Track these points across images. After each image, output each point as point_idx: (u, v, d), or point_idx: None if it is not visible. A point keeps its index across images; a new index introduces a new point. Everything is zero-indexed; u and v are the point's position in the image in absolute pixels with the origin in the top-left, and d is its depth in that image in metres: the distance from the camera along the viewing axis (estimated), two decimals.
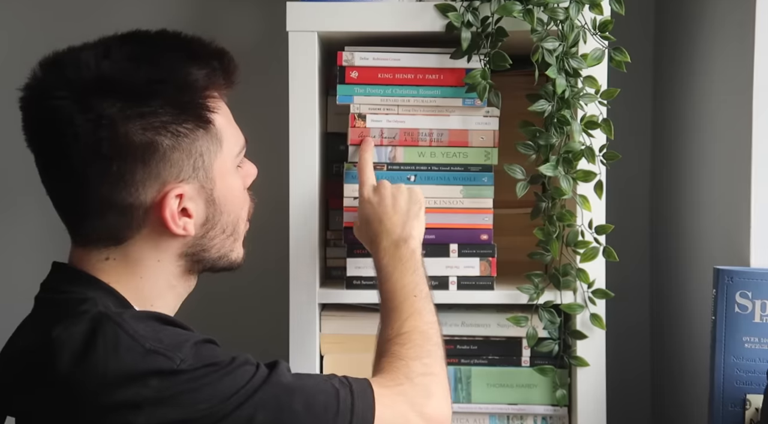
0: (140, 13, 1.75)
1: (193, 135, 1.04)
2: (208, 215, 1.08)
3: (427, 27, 1.37)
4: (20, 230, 1.80)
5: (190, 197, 1.05)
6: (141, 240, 1.05)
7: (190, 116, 1.03)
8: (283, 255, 1.40)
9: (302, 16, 1.37)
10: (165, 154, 1.02)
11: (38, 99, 1.02)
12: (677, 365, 1.61)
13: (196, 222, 1.07)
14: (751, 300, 1.24)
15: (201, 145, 1.05)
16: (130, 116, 0.99)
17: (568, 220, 1.37)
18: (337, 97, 1.40)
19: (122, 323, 0.97)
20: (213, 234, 1.10)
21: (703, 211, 1.49)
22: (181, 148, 1.03)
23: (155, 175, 1.02)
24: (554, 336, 1.41)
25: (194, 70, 1.04)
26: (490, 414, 1.44)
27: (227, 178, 1.10)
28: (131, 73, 1.01)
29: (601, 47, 1.34)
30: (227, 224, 1.11)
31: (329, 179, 1.50)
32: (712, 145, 1.46)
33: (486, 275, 1.40)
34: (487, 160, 1.40)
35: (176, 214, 1.04)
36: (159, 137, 1.01)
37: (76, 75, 1.00)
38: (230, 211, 1.11)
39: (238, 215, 1.13)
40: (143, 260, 1.06)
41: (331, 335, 1.43)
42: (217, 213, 1.09)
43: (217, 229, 1.10)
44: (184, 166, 1.04)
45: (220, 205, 1.09)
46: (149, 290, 1.07)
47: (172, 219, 1.04)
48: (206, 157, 1.06)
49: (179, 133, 1.02)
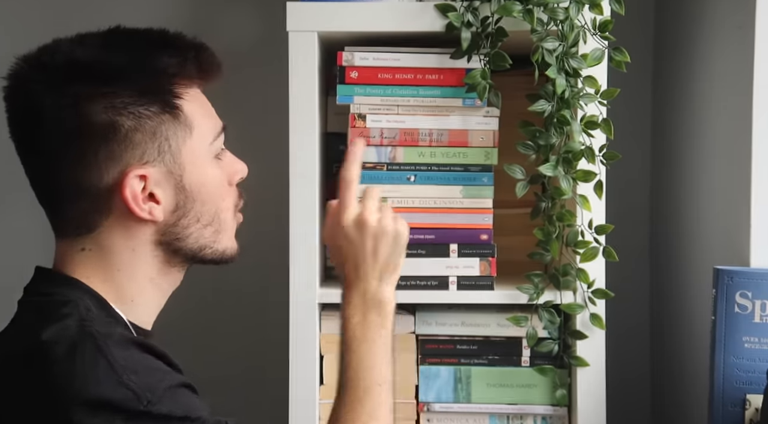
0: (140, 13, 1.74)
1: (157, 118, 1.04)
2: (179, 202, 1.07)
3: (427, 27, 1.37)
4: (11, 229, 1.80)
5: (157, 182, 1.05)
6: (110, 227, 1.06)
7: (154, 99, 1.04)
8: (283, 255, 1.40)
9: (302, 16, 1.37)
10: (126, 135, 1.03)
11: (15, 85, 1.05)
12: (677, 365, 1.61)
13: (165, 208, 1.07)
14: (751, 300, 1.24)
15: (167, 129, 1.05)
16: (93, 96, 1.01)
17: (568, 220, 1.37)
18: (337, 97, 1.40)
19: (104, 347, 0.96)
20: (186, 222, 1.09)
21: (703, 211, 1.49)
22: (143, 130, 1.04)
23: (117, 157, 1.03)
24: (554, 336, 1.41)
25: (165, 57, 1.06)
26: (490, 414, 1.44)
27: (200, 165, 1.09)
28: (100, 57, 1.04)
29: (601, 47, 1.34)
30: (202, 212, 1.09)
31: (329, 179, 1.50)
32: (712, 145, 1.46)
33: (486, 275, 1.40)
34: (487, 160, 1.40)
35: (139, 196, 1.04)
36: (120, 118, 1.02)
37: (49, 60, 1.04)
38: (205, 200, 1.09)
39: (217, 205, 1.11)
40: (116, 249, 1.06)
41: (331, 335, 1.43)
42: (188, 200, 1.08)
43: (190, 217, 1.09)
44: (148, 149, 1.04)
45: (192, 193, 1.08)
46: (128, 284, 1.07)
47: (134, 200, 1.04)
48: (173, 142, 1.06)
49: (142, 115, 1.03)
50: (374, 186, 1.21)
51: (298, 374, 1.39)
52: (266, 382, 1.71)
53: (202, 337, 1.79)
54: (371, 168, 1.40)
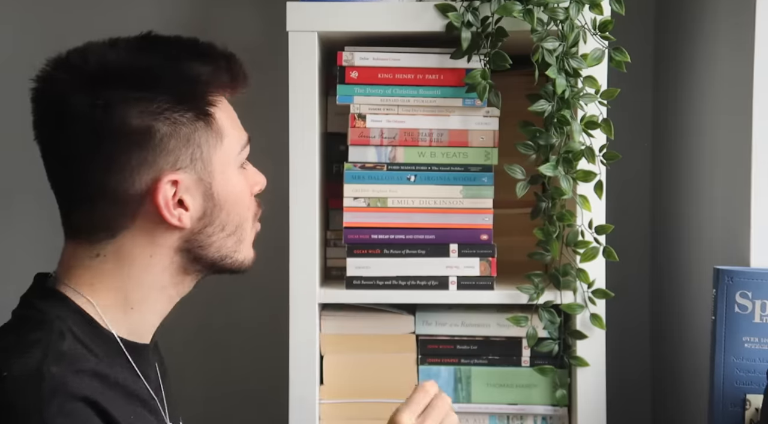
0: (140, 13, 1.75)
1: (192, 125, 1.04)
2: (206, 210, 1.07)
3: (427, 27, 1.37)
4: (18, 231, 1.80)
5: (187, 188, 1.05)
6: (135, 231, 1.05)
7: (190, 106, 1.04)
8: (283, 255, 1.40)
9: (302, 16, 1.37)
10: (161, 140, 1.02)
11: (44, 88, 1.04)
12: (677, 365, 1.61)
13: (192, 215, 1.06)
14: (751, 300, 1.24)
15: (200, 137, 1.05)
16: (129, 100, 1.00)
17: (568, 220, 1.37)
18: (337, 97, 1.40)
19: (45, 399, 0.94)
20: (211, 230, 1.08)
21: (703, 211, 1.49)
22: (178, 136, 1.03)
23: (151, 162, 1.02)
24: (554, 336, 1.41)
25: (198, 64, 1.05)
26: (490, 414, 1.44)
27: (228, 174, 1.09)
28: (135, 61, 1.03)
29: (601, 47, 1.34)
30: (227, 222, 1.09)
31: (329, 179, 1.50)
32: (712, 145, 1.46)
33: (486, 275, 1.40)
34: (487, 160, 1.40)
35: (170, 201, 1.04)
36: (156, 123, 1.01)
37: (80, 62, 1.02)
38: (231, 209, 1.09)
39: (242, 215, 1.11)
40: (135, 256, 1.05)
41: (331, 335, 1.44)
42: (216, 209, 1.08)
43: (216, 225, 1.08)
44: (181, 155, 1.04)
45: (220, 202, 1.08)
46: (134, 292, 1.06)
47: (165, 206, 1.03)
48: (205, 150, 1.05)
49: (177, 121, 1.03)
50: (445, 401, 1.14)
51: (298, 374, 1.39)
52: (266, 382, 1.71)
53: (202, 336, 1.79)
54: (371, 168, 1.40)
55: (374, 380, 1.44)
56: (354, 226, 1.41)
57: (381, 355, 1.44)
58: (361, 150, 1.41)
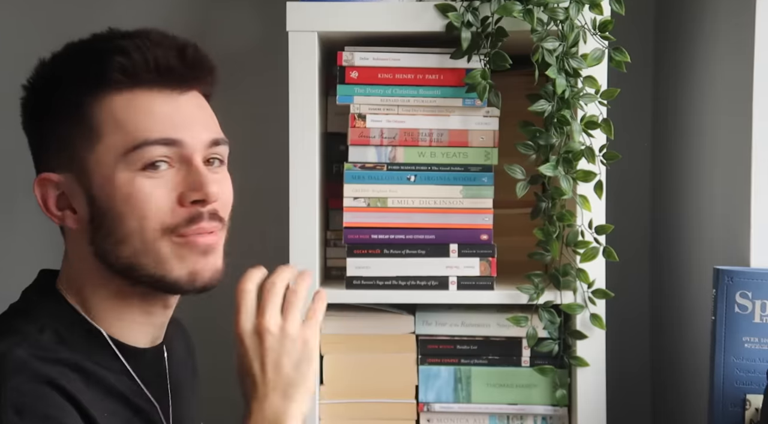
0: (140, 13, 1.74)
1: (64, 125, 1.03)
2: (92, 214, 1.02)
3: (427, 27, 1.37)
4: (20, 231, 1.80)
5: (69, 190, 1.03)
6: (67, 233, 1.08)
7: (61, 106, 1.04)
8: (283, 255, 1.40)
9: (302, 16, 1.37)
10: (43, 138, 1.06)
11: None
12: (677, 365, 1.61)
13: (80, 218, 1.03)
14: (751, 300, 1.24)
15: (73, 137, 1.02)
16: (26, 103, 1.07)
17: (568, 220, 1.37)
18: (337, 97, 1.40)
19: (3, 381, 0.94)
20: (100, 236, 1.02)
21: (703, 211, 1.49)
22: (54, 137, 1.04)
23: (36, 162, 1.07)
24: (554, 336, 1.41)
25: (100, 63, 1.03)
26: (490, 414, 1.44)
27: (112, 176, 1.00)
28: (45, 67, 1.07)
29: (601, 47, 1.34)
30: (113, 228, 1.01)
31: (329, 179, 1.50)
32: (712, 144, 1.46)
33: (486, 275, 1.40)
34: (487, 160, 1.40)
35: (50, 201, 1.04)
36: (39, 123, 1.06)
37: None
38: (123, 215, 1.00)
39: (139, 223, 1.00)
40: (74, 259, 1.07)
41: (331, 335, 1.43)
42: (99, 214, 1.01)
43: (103, 232, 1.01)
44: (59, 156, 1.04)
45: (102, 206, 1.01)
46: (93, 299, 1.05)
47: (44, 205, 1.05)
48: (80, 150, 1.02)
49: (54, 122, 1.04)
50: (278, 282, 1.07)
51: None
52: None
53: (201, 336, 1.78)
54: (371, 168, 1.40)
55: (374, 380, 1.44)
56: (354, 226, 1.41)
57: (381, 355, 1.44)
58: (361, 150, 1.41)
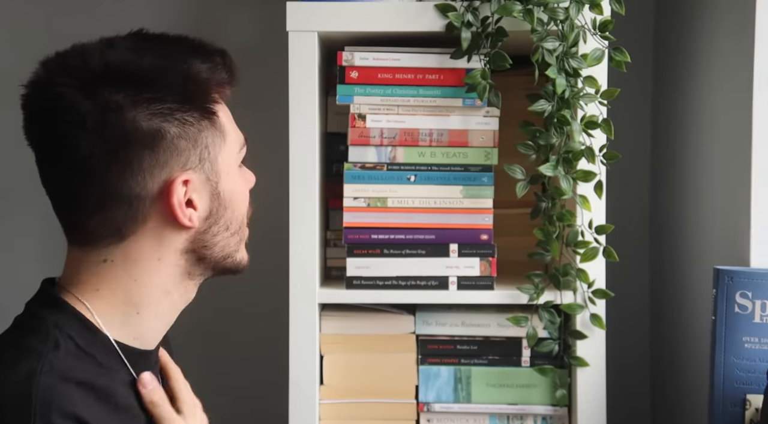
0: (140, 13, 1.75)
1: (198, 125, 1.04)
2: (212, 209, 1.07)
3: (427, 27, 1.37)
4: (19, 234, 1.80)
5: (195, 188, 1.05)
6: (145, 235, 1.04)
7: (195, 106, 1.03)
8: (283, 255, 1.40)
9: (302, 16, 1.37)
10: (172, 141, 1.01)
11: (40, 90, 1.01)
12: (677, 365, 1.61)
13: (199, 215, 1.06)
14: (751, 300, 1.24)
15: (206, 137, 1.05)
16: (137, 102, 0.99)
17: (568, 220, 1.37)
18: (337, 97, 1.40)
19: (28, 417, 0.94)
20: (216, 230, 1.08)
21: (703, 211, 1.49)
22: (187, 136, 1.03)
23: (162, 163, 1.01)
24: (554, 336, 1.41)
25: (197, 62, 1.04)
26: (490, 414, 1.44)
27: (231, 174, 1.09)
28: (136, 61, 1.01)
29: (601, 47, 1.34)
30: (231, 220, 1.10)
31: (329, 179, 1.51)
32: (712, 144, 1.46)
33: (486, 275, 1.40)
34: (487, 160, 1.40)
35: (183, 202, 1.03)
36: (166, 124, 1.01)
37: (80, 63, 1.00)
38: (234, 208, 1.09)
39: (242, 213, 1.12)
40: (142, 259, 1.05)
41: (331, 335, 1.44)
42: (221, 208, 1.08)
43: (221, 224, 1.08)
44: (191, 156, 1.03)
45: (224, 201, 1.08)
46: (139, 296, 1.05)
47: (179, 207, 1.02)
48: (211, 149, 1.06)
49: (186, 122, 1.02)
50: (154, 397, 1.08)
51: (298, 374, 1.39)
52: (266, 382, 1.71)
53: (201, 336, 1.79)
54: (371, 168, 1.40)
55: (374, 380, 1.44)
56: (354, 226, 1.41)
57: (381, 355, 1.44)
58: (361, 150, 1.41)
